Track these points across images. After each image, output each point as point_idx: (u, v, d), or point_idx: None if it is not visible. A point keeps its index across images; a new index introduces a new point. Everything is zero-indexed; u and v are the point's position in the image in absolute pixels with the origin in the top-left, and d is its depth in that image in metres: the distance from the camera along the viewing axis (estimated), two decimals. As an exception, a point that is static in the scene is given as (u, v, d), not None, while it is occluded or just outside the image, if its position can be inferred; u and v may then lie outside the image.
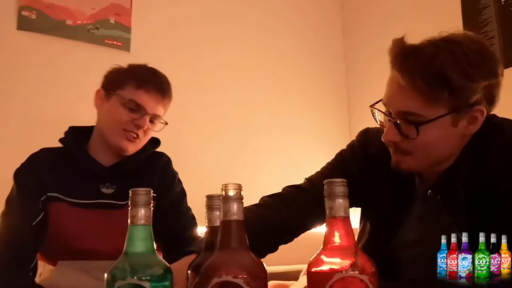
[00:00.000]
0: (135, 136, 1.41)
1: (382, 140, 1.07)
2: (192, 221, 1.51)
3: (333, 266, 0.64)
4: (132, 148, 1.43)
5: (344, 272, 0.63)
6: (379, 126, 1.22)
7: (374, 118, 1.11)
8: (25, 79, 2.21)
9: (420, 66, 0.97)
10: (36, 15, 2.26)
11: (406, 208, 1.12)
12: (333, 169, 1.24)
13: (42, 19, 2.27)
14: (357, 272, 0.63)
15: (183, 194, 1.56)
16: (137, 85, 1.41)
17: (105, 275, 0.68)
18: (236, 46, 2.88)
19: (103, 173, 1.43)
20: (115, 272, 0.67)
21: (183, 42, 2.70)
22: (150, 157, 1.52)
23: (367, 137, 1.23)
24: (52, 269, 1.39)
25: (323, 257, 0.66)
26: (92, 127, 1.50)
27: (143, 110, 1.41)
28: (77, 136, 1.48)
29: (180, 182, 1.57)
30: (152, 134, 1.50)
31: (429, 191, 1.09)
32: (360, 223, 1.25)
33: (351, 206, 1.25)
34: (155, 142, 1.57)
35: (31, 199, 1.36)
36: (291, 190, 1.22)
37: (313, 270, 0.66)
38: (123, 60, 1.58)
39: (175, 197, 1.52)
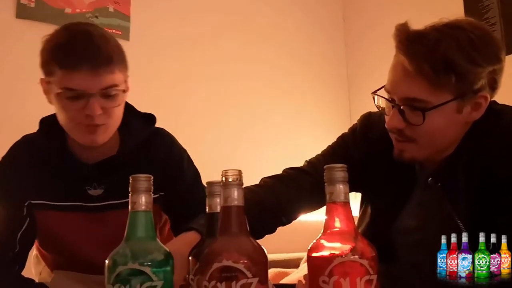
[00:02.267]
0: (96, 124, 1.12)
1: (386, 127, 1.07)
2: None
3: (333, 251, 0.64)
4: (101, 138, 1.15)
5: (344, 256, 0.63)
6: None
7: (376, 106, 1.10)
8: (24, 68, 2.20)
9: (425, 52, 0.96)
10: (35, 3, 2.25)
11: (406, 194, 1.12)
12: (333, 152, 1.24)
13: (41, 7, 2.26)
14: (357, 256, 0.63)
15: (197, 173, 1.31)
16: (60, 67, 1.08)
17: (106, 261, 0.68)
18: (235, 35, 2.87)
19: (89, 174, 1.19)
20: (116, 257, 0.67)
21: (182, 30, 2.69)
22: (146, 141, 1.24)
23: (370, 121, 1.23)
24: (50, 273, 1.28)
25: (323, 242, 0.66)
26: None
27: (85, 94, 1.08)
28: (52, 130, 1.21)
29: (190, 160, 1.31)
30: (118, 109, 1.17)
31: (430, 179, 1.09)
32: (361, 208, 1.25)
33: (351, 191, 1.26)
34: (148, 119, 1.27)
35: (14, 204, 1.18)
36: (291, 172, 1.22)
37: (313, 255, 0.66)
38: (122, 48, 1.56)
39: (190, 179, 1.27)
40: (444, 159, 1.07)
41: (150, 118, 1.28)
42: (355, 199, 1.24)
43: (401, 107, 1.02)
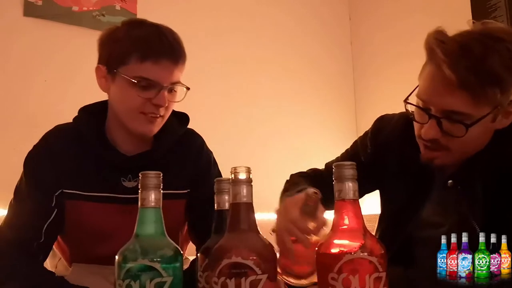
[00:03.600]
0: (157, 116, 1.19)
1: (423, 137, 1.04)
2: None
3: (342, 248, 0.64)
4: (156, 129, 1.22)
5: (353, 254, 0.63)
6: (391, 113, 1.24)
7: (406, 110, 1.08)
8: (31, 65, 2.22)
9: (472, 65, 0.95)
10: (42, 2, 2.26)
11: (425, 193, 1.13)
12: (347, 155, 1.28)
13: (48, 6, 2.27)
14: (366, 253, 0.63)
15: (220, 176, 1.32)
16: (142, 57, 1.15)
17: (116, 256, 0.68)
18: (242, 35, 2.87)
19: (125, 165, 1.22)
20: (126, 253, 0.67)
21: (188, 29, 2.68)
22: (180, 140, 1.30)
23: (381, 124, 1.25)
24: (66, 266, 1.29)
25: (333, 239, 0.66)
26: (105, 103, 1.27)
27: (158, 85, 1.16)
28: (92, 119, 1.25)
29: (216, 164, 1.36)
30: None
31: (450, 180, 1.09)
32: (381, 207, 1.27)
33: (367, 192, 1.25)
34: (182, 118, 1.33)
35: (44, 194, 1.18)
36: (311, 173, 1.29)
37: (322, 252, 0.66)
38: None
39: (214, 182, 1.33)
40: (464, 161, 1.08)
41: (184, 117, 1.34)
42: (368, 198, 1.26)
43: (440, 119, 1.00)
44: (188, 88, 1.24)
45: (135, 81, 1.15)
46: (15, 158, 1.28)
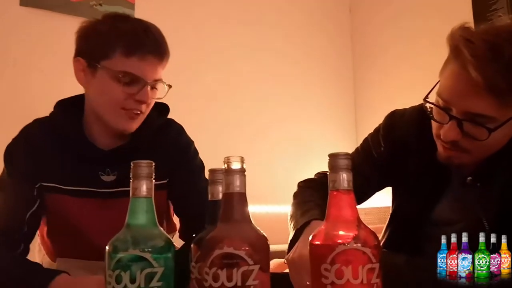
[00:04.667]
0: (138, 112, 1.17)
1: (442, 139, 1.02)
2: None
3: (335, 239, 0.64)
4: (136, 126, 1.20)
5: (346, 244, 0.62)
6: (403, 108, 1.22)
7: (424, 107, 1.06)
8: (27, 55, 2.20)
9: (503, 69, 0.91)
10: (38, -9, 2.24)
11: (441, 191, 1.11)
12: (358, 154, 1.23)
13: (45, -5, 2.25)
14: (359, 244, 0.63)
15: (202, 164, 1.32)
16: (128, 52, 1.13)
17: (107, 247, 0.67)
18: (242, 23, 2.86)
19: (103, 159, 1.21)
20: (117, 243, 0.67)
21: (187, 19, 2.68)
22: (158, 130, 1.27)
23: (393, 120, 1.21)
24: (50, 262, 1.28)
25: (326, 230, 0.65)
26: (82, 97, 1.25)
27: (141, 81, 1.14)
28: (69, 113, 1.24)
29: (196, 152, 1.33)
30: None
31: (469, 178, 1.07)
32: (393, 203, 1.24)
33: (379, 189, 1.23)
34: (161, 109, 1.30)
35: (25, 184, 1.18)
36: (320, 180, 1.22)
37: (315, 242, 0.66)
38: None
39: (194, 168, 1.29)
40: (484, 159, 1.06)
41: (164, 108, 1.31)
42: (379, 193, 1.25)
43: (462, 121, 0.97)
44: (170, 86, 1.22)
45: (120, 75, 1.13)
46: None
